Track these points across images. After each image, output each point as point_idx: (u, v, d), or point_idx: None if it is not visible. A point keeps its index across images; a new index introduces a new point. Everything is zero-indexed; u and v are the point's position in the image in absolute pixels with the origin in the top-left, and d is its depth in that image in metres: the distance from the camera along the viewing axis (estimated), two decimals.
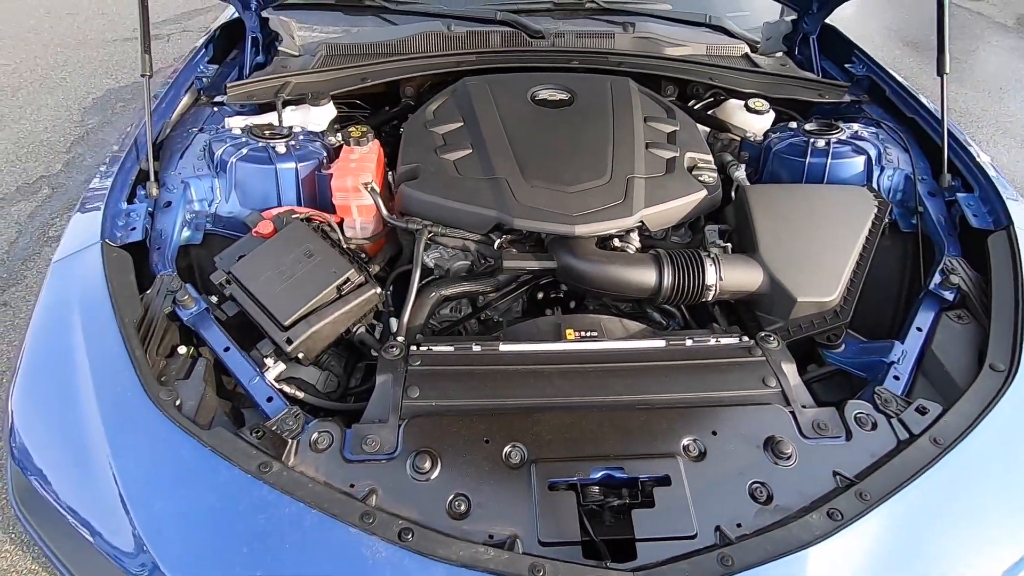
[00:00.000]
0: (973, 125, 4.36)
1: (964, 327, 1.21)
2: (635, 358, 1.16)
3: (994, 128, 4.36)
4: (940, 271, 1.30)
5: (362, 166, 1.47)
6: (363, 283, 1.24)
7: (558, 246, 1.35)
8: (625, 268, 1.29)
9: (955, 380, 1.12)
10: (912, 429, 1.03)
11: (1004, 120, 4.45)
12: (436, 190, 1.40)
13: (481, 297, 1.49)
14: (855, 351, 1.25)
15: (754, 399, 1.09)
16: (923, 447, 0.98)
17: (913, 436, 1.02)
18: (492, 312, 1.51)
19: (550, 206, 1.34)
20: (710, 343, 1.21)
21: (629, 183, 1.40)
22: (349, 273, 1.21)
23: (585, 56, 1.83)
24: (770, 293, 1.29)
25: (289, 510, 0.86)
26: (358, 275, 1.23)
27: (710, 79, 1.82)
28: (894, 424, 1.05)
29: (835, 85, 1.82)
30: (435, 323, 1.53)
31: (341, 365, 1.30)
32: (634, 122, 1.56)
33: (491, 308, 1.51)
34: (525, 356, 1.16)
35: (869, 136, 1.59)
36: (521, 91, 1.65)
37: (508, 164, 1.42)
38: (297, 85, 1.74)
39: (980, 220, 1.37)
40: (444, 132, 1.55)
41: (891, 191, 1.55)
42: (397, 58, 1.80)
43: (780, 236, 1.34)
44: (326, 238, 1.31)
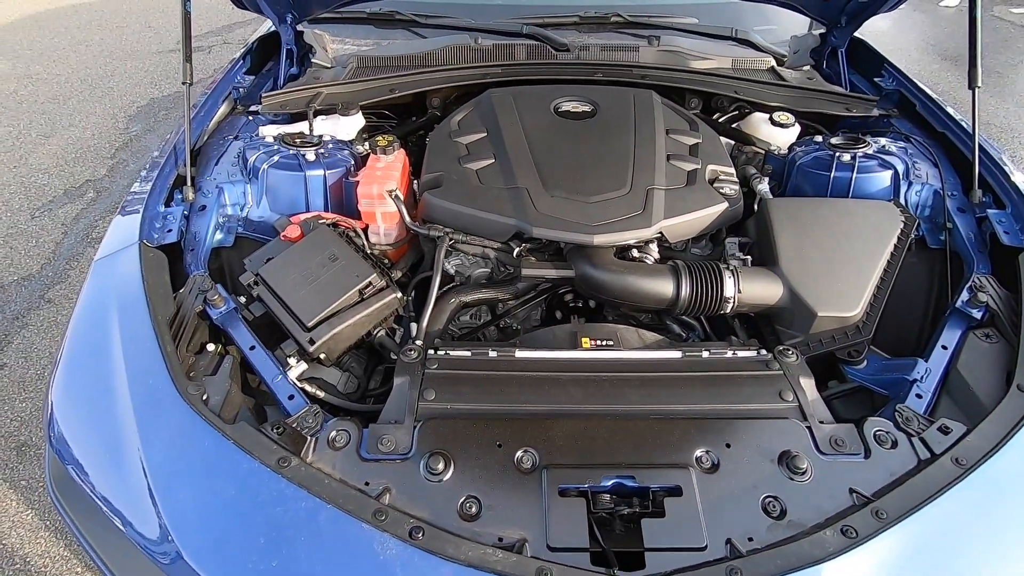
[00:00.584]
0: (1015, 140, 4.23)
1: (992, 346, 1.18)
2: (650, 368, 1.16)
3: None
4: (968, 288, 1.27)
5: (387, 174, 1.51)
6: (384, 287, 1.28)
7: (576, 255, 1.36)
8: (643, 278, 1.29)
9: (981, 400, 1.09)
10: (934, 449, 1.01)
11: None
12: (458, 198, 1.43)
13: (500, 304, 1.51)
14: (877, 368, 1.23)
15: (770, 413, 1.08)
16: (944, 467, 0.96)
17: (935, 456, 0.99)
18: (511, 320, 1.53)
19: (569, 216, 1.35)
20: (727, 355, 1.20)
21: (649, 194, 1.41)
22: (371, 278, 1.25)
23: (609, 69, 1.85)
24: (790, 307, 1.28)
25: (305, 504, 0.89)
26: (380, 280, 1.27)
27: (735, 92, 1.82)
28: (915, 443, 1.03)
29: (863, 99, 1.80)
30: (455, 329, 1.56)
31: (362, 367, 1.34)
32: (656, 134, 1.57)
33: (510, 316, 1.53)
34: (540, 363, 1.17)
35: (897, 150, 1.57)
36: (544, 103, 1.68)
37: (529, 174, 1.45)
38: (328, 96, 1.81)
39: (1012, 237, 1.33)
40: (468, 142, 1.59)
41: (919, 206, 1.52)
42: (424, 70, 1.85)
43: (802, 249, 1.33)
44: (350, 243, 1.35)
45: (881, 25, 6.83)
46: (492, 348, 1.21)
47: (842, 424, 1.07)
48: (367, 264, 1.28)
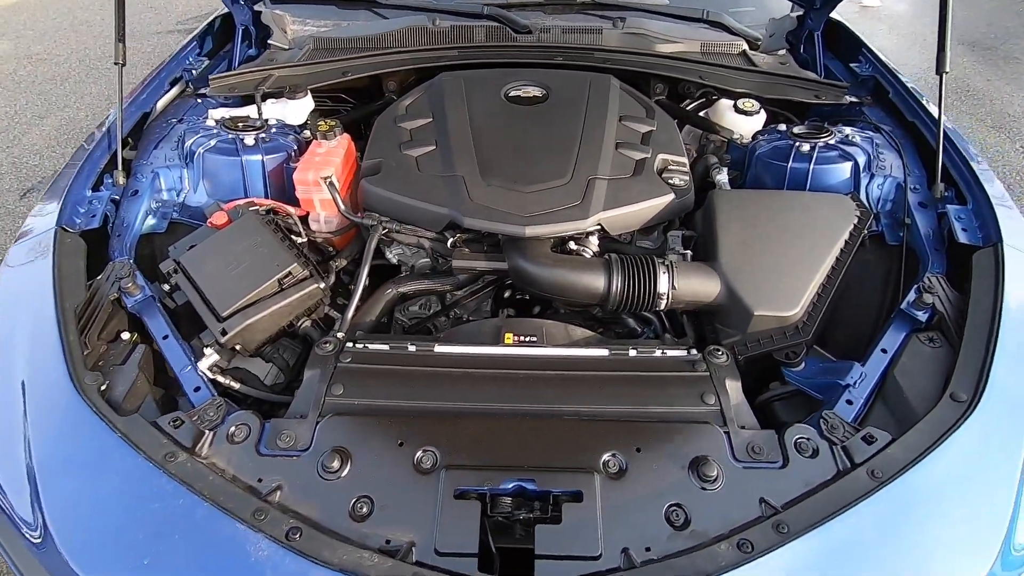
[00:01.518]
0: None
1: (935, 351, 1.12)
2: (571, 366, 1.12)
3: None
4: (916, 288, 1.20)
5: (327, 160, 1.47)
6: (307, 277, 1.24)
7: (511, 247, 1.32)
8: (572, 272, 1.24)
9: (914, 408, 1.03)
10: (855, 459, 0.96)
11: None
12: (394, 186, 1.39)
13: (449, 295, 1.47)
14: (815, 371, 1.17)
15: (689, 416, 1.03)
16: (859, 479, 0.91)
17: (853, 466, 0.94)
18: (461, 310, 1.50)
19: (503, 206, 1.31)
20: (655, 355, 1.15)
21: (590, 184, 1.35)
22: (292, 267, 1.22)
23: (570, 52, 1.78)
24: (728, 304, 1.23)
25: (183, 501, 0.87)
26: (301, 269, 1.24)
27: (699, 78, 1.75)
28: (837, 452, 0.97)
29: (834, 86, 1.71)
30: (405, 319, 1.53)
31: (295, 357, 1.31)
32: (606, 121, 1.51)
33: (460, 306, 1.49)
34: (459, 359, 1.14)
35: (861, 141, 1.49)
36: (495, 87, 1.62)
37: (468, 162, 1.40)
38: (280, 78, 1.76)
39: (969, 235, 1.26)
40: (412, 128, 1.54)
41: (881, 200, 1.45)
42: (378, 52, 1.80)
43: (744, 244, 1.26)
44: (278, 231, 1.32)
45: (898, 9, 6.58)
46: (412, 342, 1.17)
47: (762, 431, 1.02)
48: (289, 253, 1.25)
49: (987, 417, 0.96)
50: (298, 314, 1.26)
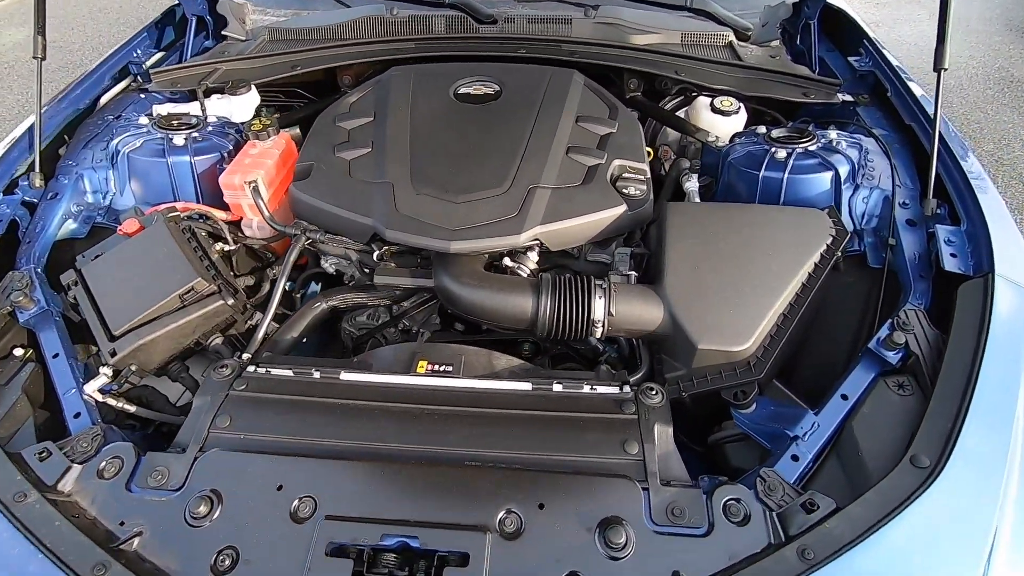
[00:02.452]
0: None
1: (903, 400, 0.96)
2: (485, 403, 1.00)
3: None
4: (890, 323, 1.04)
5: (257, 162, 1.38)
6: (213, 293, 1.15)
7: (438, 263, 1.20)
8: (497, 294, 1.12)
9: (870, 470, 0.88)
10: (789, 530, 0.82)
11: None
12: (321, 192, 1.28)
13: (396, 306, 1.37)
14: (766, 415, 1.03)
15: (605, 467, 0.91)
16: (786, 559, 0.77)
17: (783, 541, 0.81)
18: (410, 322, 1.39)
19: (430, 217, 1.19)
20: (582, 391, 1.03)
21: (529, 194, 1.22)
22: (194, 282, 1.13)
23: (534, 44, 1.64)
24: (671, 335, 1.09)
25: (19, 551, 0.79)
26: (207, 284, 1.14)
27: (675, 73, 1.59)
28: (770, 520, 0.84)
29: (825, 83, 1.53)
30: (352, 329, 1.44)
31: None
32: (560, 122, 1.37)
33: (408, 317, 1.39)
34: (365, 389, 1.03)
35: (847, 147, 1.32)
36: (445, 84, 1.49)
37: (400, 167, 1.28)
38: (227, 72, 1.67)
39: (959, 262, 1.08)
40: (352, 127, 1.43)
41: (865, 216, 1.28)
42: (331, 44, 1.69)
43: (694, 266, 1.12)
44: (193, 241, 1.23)
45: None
46: (319, 367, 1.07)
47: (689, 488, 0.88)
48: (195, 266, 1.15)
49: (951, 488, 0.81)
50: (206, 331, 1.17)
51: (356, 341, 1.46)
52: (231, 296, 1.17)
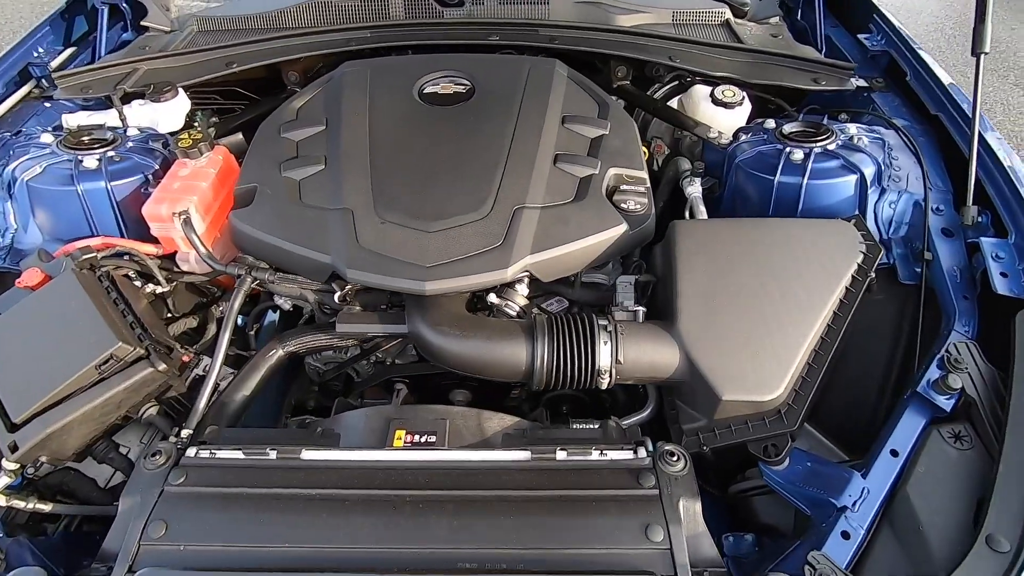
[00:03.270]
0: None
1: (962, 454, 0.83)
2: (479, 482, 0.84)
3: None
4: (939, 361, 0.90)
5: (188, 187, 1.16)
6: (141, 357, 0.95)
7: (412, 306, 1.02)
8: (485, 344, 0.95)
9: (933, 549, 0.75)
10: None
11: None
12: (267, 223, 1.08)
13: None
14: (803, 474, 0.89)
15: (627, 563, 0.76)
16: None
17: None
18: (383, 354, 1.21)
19: (399, 251, 1.00)
20: (591, 457, 0.87)
21: (515, 217, 1.04)
22: (114, 349, 0.92)
23: (508, 30, 1.43)
24: (690, 383, 0.94)
25: None
26: (131, 348, 0.94)
27: (669, 59, 1.40)
28: None
29: (837, 66, 1.36)
30: (319, 365, 1.26)
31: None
32: (544, 125, 1.18)
33: (382, 350, 1.20)
34: (331, 474, 0.86)
35: (869, 144, 1.16)
36: (408, 82, 1.28)
37: (360, 189, 1.08)
38: (149, 73, 1.43)
39: (1011, 283, 0.95)
40: (301, 139, 1.22)
41: (893, 224, 1.13)
42: (273, 36, 1.45)
43: (712, 300, 0.96)
44: (112, 291, 1.02)
45: None
46: (274, 446, 0.89)
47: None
48: (115, 325, 0.94)
49: None
50: (135, 404, 0.98)
51: (323, 377, 1.29)
52: (164, 359, 0.97)
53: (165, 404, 1.03)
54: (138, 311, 1.03)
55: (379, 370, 1.25)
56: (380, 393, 1.23)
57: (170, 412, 1.04)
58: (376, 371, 1.25)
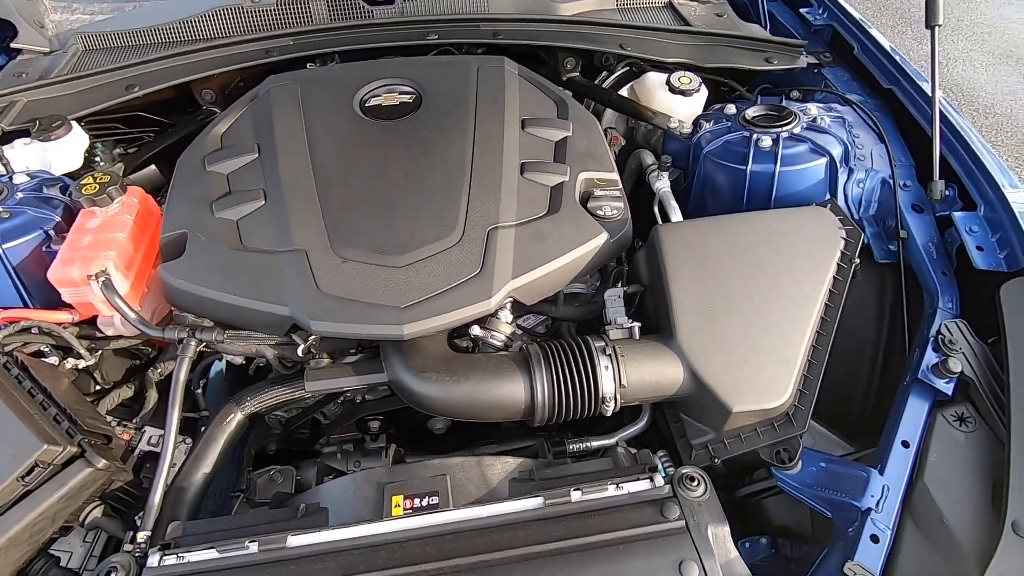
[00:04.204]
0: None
1: (969, 437, 0.84)
2: (495, 543, 0.76)
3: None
4: (933, 343, 0.90)
5: (102, 240, 0.99)
6: (74, 457, 0.80)
7: (389, 352, 0.92)
8: (479, 387, 0.87)
9: (959, 541, 0.75)
10: None
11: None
12: (206, 275, 0.94)
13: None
14: (819, 476, 0.87)
15: None
16: None
17: None
18: (352, 392, 1.10)
19: (368, 293, 0.89)
20: (608, 494, 0.81)
21: (491, 239, 0.95)
22: (40, 453, 0.77)
23: (446, 27, 1.32)
24: (696, 398, 0.90)
25: None
26: (61, 448, 0.79)
27: (620, 47, 1.34)
28: None
29: (787, 44, 1.35)
30: (281, 413, 1.13)
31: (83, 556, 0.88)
32: (504, 133, 1.09)
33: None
34: (326, 561, 0.75)
35: (832, 125, 1.15)
36: (345, 95, 1.15)
37: (311, 225, 0.96)
38: (31, 105, 1.22)
39: (989, 257, 0.96)
40: (230, 172, 1.07)
41: (863, 203, 1.13)
42: (178, 51, 1.27)
43: (707, 308, 0.92)
44: (22, 380, 0.86)
45: None
46: (253, 537, 0.78)
47: None
48: (30, 428, 0.79)
49: None
50: (74, 511, 0.83)
51: (288, 424, 1.17)
52: (102, 452, 0.82)
53: (110, 499, 0.89)
54: (60, 397, 0.87)
55: (348, 409, 1.14)
56: (351, 428, 1.13)
57: (117, 506, 0.90)
58: (345, 411, 1.15)
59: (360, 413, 1.12)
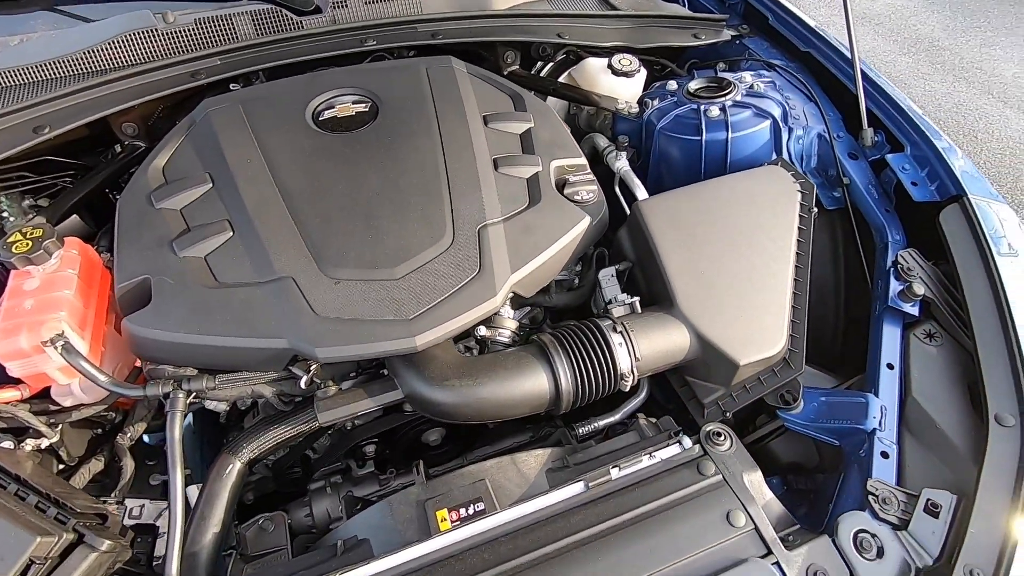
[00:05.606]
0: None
1: (940, 350, 0.94)
2: (551, 534, 0.77)
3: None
4: (894, 272, 1.00)
5: (46, 302, 0.88)
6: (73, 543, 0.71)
7: (399, 365, 0.89)
8: (503, 384, 0.86)
9: (952, 440, 0.84)
10: (928, 546, 0.75)
11: None
12: (182, 321, 0.86)
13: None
14: (819, 410, 0.94)
15: (726, 557, 0.75)
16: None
17: (934, 562, 0.73)
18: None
19: (371, 310, 0.86)
20: (643, 464, 0.84)
21: (483, 238, 0.94)
22: (34, 546, 0.68)
23: (384, 32, 1.28)
24: (703, 359, 0.94)
25: None
26: (56, 537, 0.70)
27: (559, 36, 1.36)
28: (905, 541, 0.76)
29: (711, 19, 1.43)
30: (268, 461, 1.06)
31: None
32: (471, 129, 1.08)
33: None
34: None
35: (766, 88, 1.24)
36: (295, 110, 1.09)
37: (293, 249, 0.91)
38: None
39: (922, 190, 1.08)
40: (184, 205, 0.98)
41: (803, 157, 1.23)
42: (92, 83, 1.14)
43: (699, 273, 0.97)
44: None
45: None
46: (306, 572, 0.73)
47: (814, 538, 0.76)
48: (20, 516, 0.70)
49: None
50: None
51: (276, 466, 1.10)
52: (101, 532, 0.74)
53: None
54: (36, 483, 0.77)
55: (339, 439, 1.09)
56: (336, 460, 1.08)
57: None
58: (336, 441, 1.10)
59: (352, 440, 1.08)
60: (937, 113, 3.57)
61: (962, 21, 4.45)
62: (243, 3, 1.28)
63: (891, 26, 4.44)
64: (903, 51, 4.16)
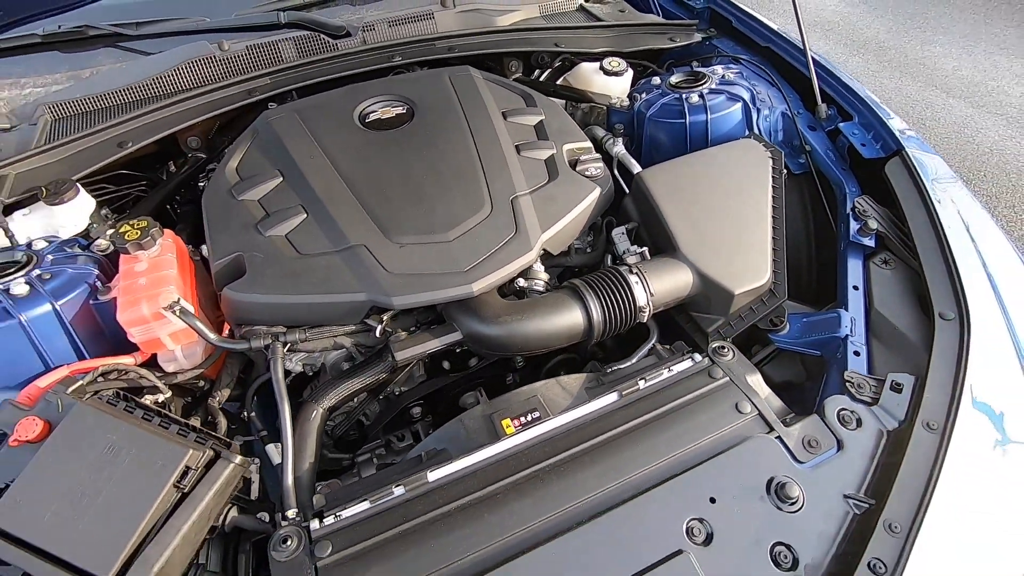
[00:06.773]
0: None
1: (893, 272, 1.15)
2: (596, 431, 0.95)
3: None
4: (853, 215, 1.22)
5: (158, 279, 1.05)
6: (214, 458, 0.88)
7: (456, 311, 1.07)
8: (546, 320, 1.05)
9: (908, 337, 1.05)
10: (895, 413, 0.95)
11: None
12: (275, 285, 1.04)
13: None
14: (802, 329, 1.14)
15: (738, 435, 0.93)
16: (920, 440, 0.89)
17: (900, 424, 0.93)
18: (393, 386, 1.22)
19: (433, 266, 1.04)
20: (663, 376, 1.03)
21: (516, 206, 1.14)
22: (187, 457, 0.84)
23: (407, 49, 1.49)
24: (704, 292, 1.14)
25: None
26: (201, 452, 0.86)
27: (556, 45, 1.59)
28: (877, 414, 0.95)
29: (682, 25, 1.67)
30: (329, 423, 1.21)
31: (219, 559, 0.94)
32: (494, 123, 1.28)
33: (389, 383, 1.21)
34: (466, 483, 0.89)
35: (735, 77, 1.47)
36: (344, 114, 1.29)
37: (360, 222, 1.09)
38: (19, 177, 1.22)
39: (869, 149, 1.31)
40: (261, 196, 1.17)
41: (771, 132, 1.46)
42: (165, 103, 1.33)
43: (694, 224, 1.17)
44: (134, 409, 0.91)
45: None
46: (396, 482, 0.90)
47: (804, 417, 0.96)
48: (172, 437, 0.86)
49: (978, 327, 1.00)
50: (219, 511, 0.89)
51: (335, 432, 1.26)
52: (232, 450, 0.90)
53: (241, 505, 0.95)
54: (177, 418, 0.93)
55: (388, 404, 1.26)
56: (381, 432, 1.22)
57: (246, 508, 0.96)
58: (386, 406, 1.26)
59: (402, 403, 1.24)
60: (888, 106, 3.91)
61: (904, 23, 4.87)
62: (281, 31, 1.49)
63: (840, 31, 4.83)
64: (853, 53, 4.53)
